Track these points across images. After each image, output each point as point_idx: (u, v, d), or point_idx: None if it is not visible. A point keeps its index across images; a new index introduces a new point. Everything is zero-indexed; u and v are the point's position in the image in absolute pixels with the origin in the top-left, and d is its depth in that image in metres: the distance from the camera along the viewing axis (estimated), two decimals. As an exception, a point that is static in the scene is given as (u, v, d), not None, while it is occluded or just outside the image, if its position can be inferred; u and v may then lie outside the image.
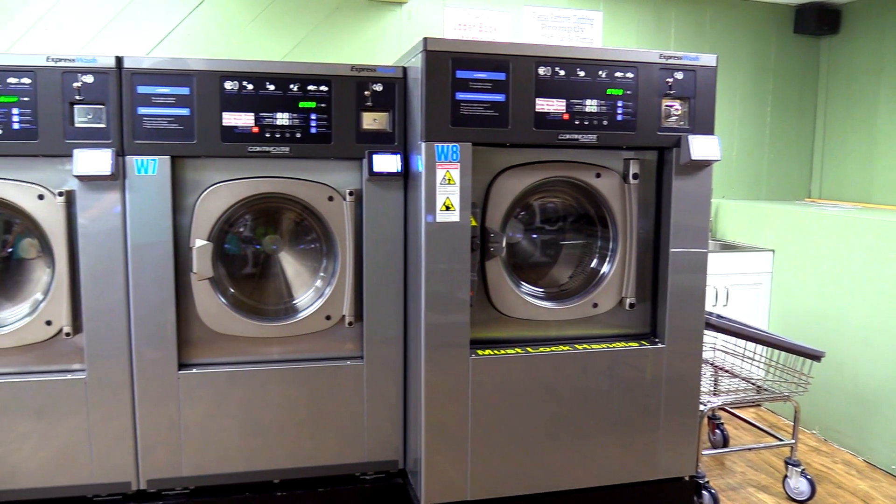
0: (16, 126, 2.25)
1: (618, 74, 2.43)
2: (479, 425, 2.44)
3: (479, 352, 2.43)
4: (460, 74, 2.31)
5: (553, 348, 2.51)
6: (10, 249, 2.45)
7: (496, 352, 2.45)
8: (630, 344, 2.58)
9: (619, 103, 2.44)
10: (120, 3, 3.13)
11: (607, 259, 2.59)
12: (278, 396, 2.48)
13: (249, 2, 3.23)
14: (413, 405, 2.50)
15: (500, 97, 2.35)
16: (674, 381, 2.58)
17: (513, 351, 2.47)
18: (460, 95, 2.31)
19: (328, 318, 2.48)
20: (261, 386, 2.47)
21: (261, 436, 2.49)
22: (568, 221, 2.69)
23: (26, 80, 2.25)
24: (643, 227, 2.58)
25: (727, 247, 3.96)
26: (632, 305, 2.57)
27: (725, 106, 4.26)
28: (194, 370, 2.43)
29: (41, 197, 2.29)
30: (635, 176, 2.51)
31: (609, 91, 2.43)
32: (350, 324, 2.49)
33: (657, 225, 2.59)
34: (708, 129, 2.51)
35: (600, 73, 2.42)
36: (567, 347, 2.53)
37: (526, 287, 2.59)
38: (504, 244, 2.46)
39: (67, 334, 2.33)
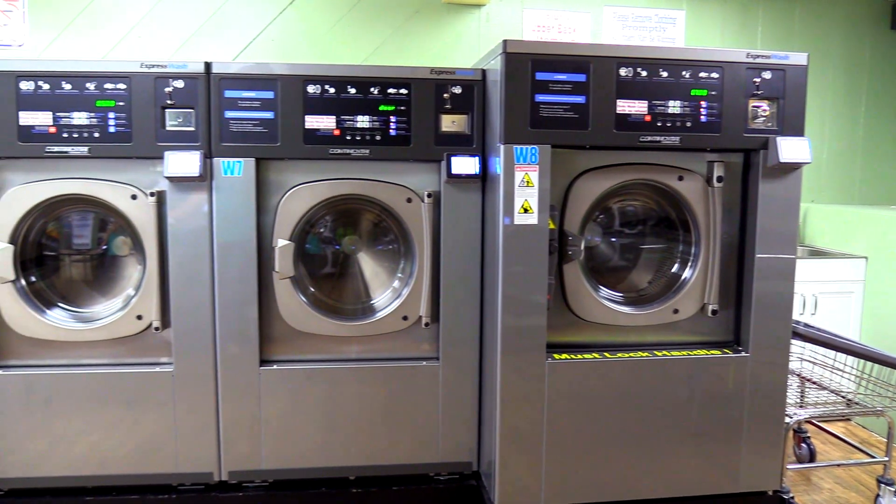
0: (112, 129, 2.40)
1: (702, 75, 2.41)
2: (554, 430, 2.45)
3: (556, 356, 2.44)
4: (540, 76, 2.33)
5: (631, 354, 2.50)
6: (104, 247, 2.61)
7: (573, 356, 2.46)
8: (712, 352, 2.54)
9: (704, 104, 2.41)
10: (208, 11, 3.29)
11: (689, 264, 2.56)
12: (355, 395, 2.56)
13: (331, 7, 3.33)
14: (488, 408, 2.54)
15: (580, 99, 2.36)
16: (758, 391, 2.53)
17: (590, 356, 2.47)
18: (540, 97, 2.33)
19: (405, 318, 2.54)
20: (338, 384, 2.55)
21: (337, 433, 2.57)
22: (648, 225, 2.67)
23: (122, 86, 2.39)
24: (727, 231, 2.54)
25: (816, 253, 3.84)
26: (714, 312, 2.53)
27: (816, 106, 4.13)
28: (275, 366, 2.52)
29: (134, 197, 2.43)
30: (720, 179, 2.47)
31: (693, 92, 2.40)
32: (427, 325, 2.54)
33: (742, 229, 2.55)
34: (797, 131, 2.45)
35: (684, 73, 2.40)
36: (646, 354, 2.51)
37: (604, 291, 2.59)
38: (582, 247, 2.46)
39: (157, 329, 2.46)
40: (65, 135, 2.39)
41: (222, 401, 2.52)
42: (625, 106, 2.38)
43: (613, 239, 2.67)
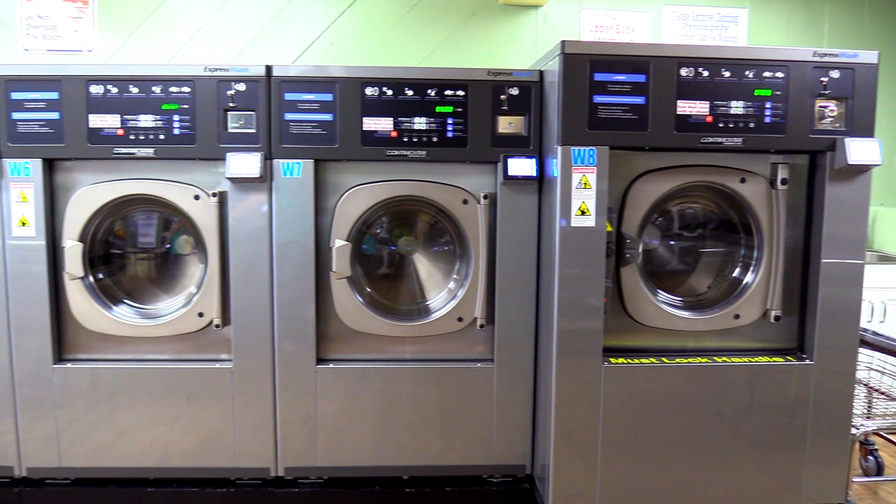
0: (176, 132, 2.48)
1: (766, 74, 2.36)
2: (609, 435, 2.43)
3: (612, 360, 2.43)
4: (598, 77, 2.32)
5: (690, 360, 2.47)
6: (168, 245, 2.70)
7: (630, 361, 2.44)
8: (774, 359, 2.49)
9: (768, 105, 2.37)
10: (268, 15, 3.37)
11: (751, 268, 2.52)
12: (409, 395, 2.59)
13: (388, 10, 3.38)
14: (542, 411, 2.54)
15: (639, 100, 2.34)
16: (822, 400, 2.47)
17: (647, 361, 2.45)
18: (598, 98, 2.32)
19: (460, 319, 2.56)
20: (392, 384, 2.58)
21: (391, 432, 2.60)
22: (708, 228, 2.63)
23: (186, 89, 2.47)
24: (791, 235, 2.49)
25: (886, 258, 3.72)
26: (777, 318, 2.48)
27: (887, 106, 3.99)
28: (331, 365, 2.57)
29: (197, 197, 2.50)
30: (784, 181, 2.42)
31: (757, 92, 2.36)
32: (482, 326, 2.55)
33: (807, 233, 2.49)
34: (867, 132, 2.39)
35: (747, 73, 2.36)
36: (705, 360, 2.47)
37: (662, 295, 2.56)
38: (640, 250, 2.44)
39: (217, 326, 2.53)
40: (132, 137, 2.48)
41: (279, 398, 2.57)
42: (685, 107, 2.35)
43: (672, 242, 2.64)
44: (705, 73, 2.35)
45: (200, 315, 2.54)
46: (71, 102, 2.47)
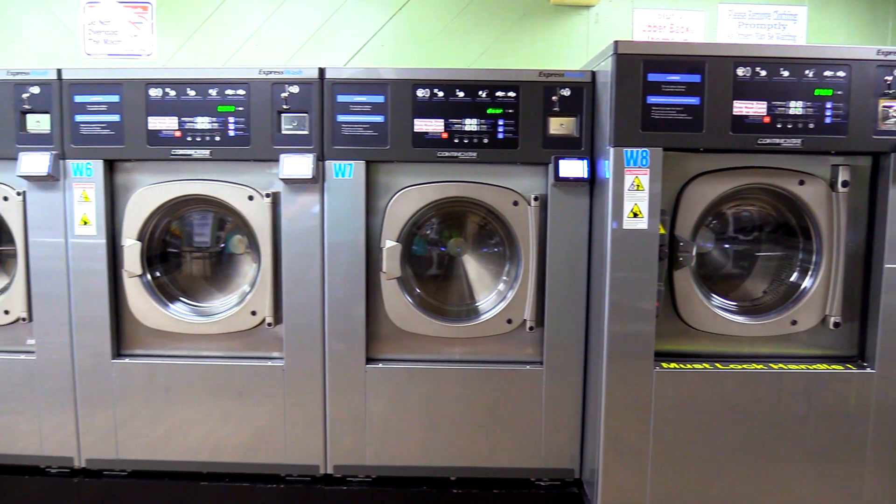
0: (231, 133, 2.53)
1: (827, 73, 2.30)
2: (660, 441, 2.40)
3: (664, 364, 2.40)
4: (652, 77, 2.30)
5: (744, 366, 2.42)
6: (222, 245, 2.76)
7: (682, 366, 2.40)
8: (833, 366, 2.43)
9: (829, 105, 2.31)
10: (321, 19, 3.41)
11: (809, 273, 2.46)
12: (457, 396, 2.59)
13: (440, 13, 3.39)
14: (592, 415, 2.51)
15: (694, 100, 2.30)
16: (885, 410, 2.39)
17: (700, 366, 2.41)
18: (652, 99, 2.30)
19: (509, 321, 2.55)
20: (441, 384, 2.59)
21: (439, 433, 2.61)
22: (765, 231, 2.58)
23: (241, 92, 2.52)
24: (852, 239, 2.42)
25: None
26: (836, 325, 2.41)
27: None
28: (380, 364, 2.59)
29: (251, 198, 2.55)
30: (845, 183, 2.35)
31: (817, 92, 2.30)
32: (531, 328, 2.54)
33: (869, 237, 2.42)
34: (935, 133, 2.30)
35: (807, 72, 2.30)
36: (760, 366, 2.42)
37: (716, 299, 2.52)
38: (694, 254, 2.41)
39: (269, 324, 2.57)
40: (188, 139, 2.54)
41: (329, 396, 2.60)
42: (742, 107, 2.30)
43: (727, 245, 2.59)
44: (763, 73, 2.30)
45: (253, 313, 2.59)
46: (131, 105, 2.54)
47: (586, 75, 2.49)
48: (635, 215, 2.30)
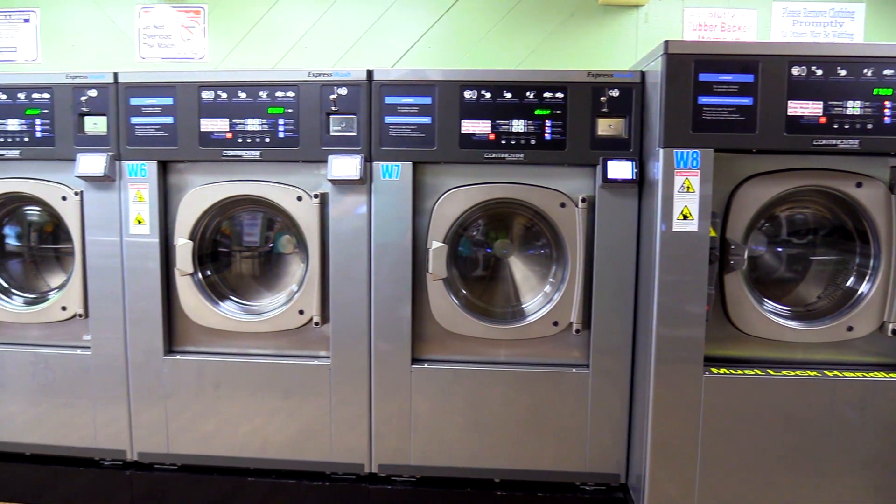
0: (281, 135, 2.57)
1: (887, 72, 2.24)
2: (709, 447, 2.36)
3: (714, 370, 2.35)
4: (703, 77, 2.26)
5: (797, 372, 2.36)
6: (271, 245, 2.80)
7: (732, 371, 2.36)
8: (890, 375, 2.35)
9: (888, 104, 2.24)
10: (368, 21, 3.44)
11: (867, 278, 2.39)
12: (501, 397, 2.58)
13: (486, 13, 3.39)
14: (638, 420, 2.48)
15: (746, 100, 2.26)
16: (946, 421, 2.31)
17: (751, 372, 2.36)
18: (703, 99, 2.26)
19: (555, 324, 2.54)
20: (486, 386, 2.58)
21: (483, 434, 2.60)
22: (819, 235, 2.51)
23: (290, 94, 2.55)
24: (913, 243, 2.34)
25: None
26: (895, 332, 2.33)
27: None
28: (426, 365, 2.60)
29: (299, 198, 2.58)
30: (905, 186, 2.28)
31: (876, 91, 2.24)
32: (577, 331, 2.52)
33: (930, 242, 2.34)
34: None
35: (865, 71, 2.23)
36: (814, 373, 2.36)
37: (768, 304, 2.46)
38: (745, 257, 2.36)
39: (317, 323, 2.60)
40: (239, 140, 2.58)
41: (375, 396, 2.62)
42: (797, 107, 2.25)
43: (780, 249, 2.53)
44: (819, 72, 2.24)
45: (301, 312, 2.62)
46: (184, 107, 2.60)
47: (635, 76, 2.46)
48: (685, 217, 2.26)
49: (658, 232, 2.28)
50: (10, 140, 2.69)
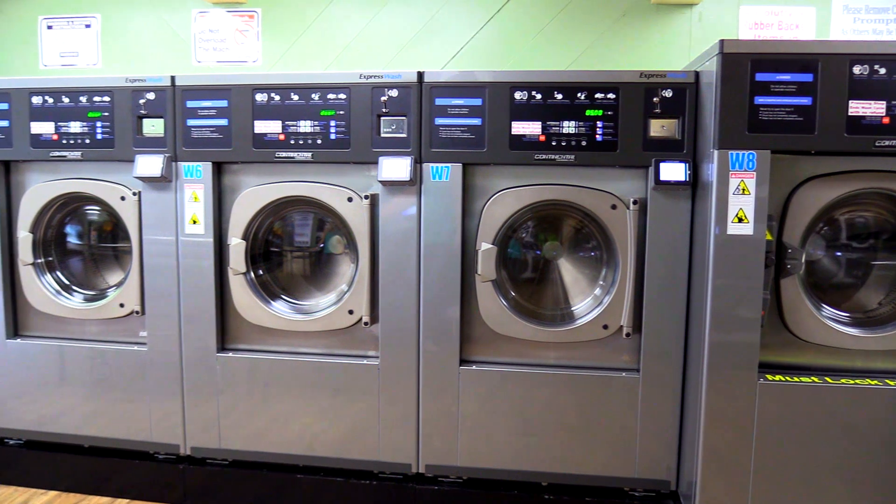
0: (333, 136, 2.60)
1: (956, 71, 2.15)
2: (763, 456, 2.31)
3: (769, 377, 2.31)
4: (760, 77, 2.21)
5: (857, 381, 2.30)
6: (321, 245, 2.84)
7: (788, 378, 2.30)
8: (957, 385, 2.27)
9: (957, 104, 2.16)
10: (419, 23, 3.47)
11: (932, 284, 2.30)
12: (549, 400, 2.57)
13: (536, 14, 3.38)
14: (690, 426, 2.44)
15: (805, 100, 2.21)
16: None
17: (808, 379, 2.30)
18: (759, 100, 2.21)
19: (605, 327, 2.51)
20: (534, 388, 2.58)
21: (531, 437, 2.60)
22: (881, 239, 2.43)
23: (342, 96, 2.59)
24: (982, 248, 2.26)
25: None
26: (962, 340, 2.25)
27: None
28: (474, 367, 2.60)
29: (350, 199, 2.61)
30: (974, 189, 2.20)
31: (943, 91, 2.16)
32: (628, 335, 2.49)
33: None
34: None
35: (933, 70, 2.16)
36: (875, 382, 2.29)
37: (827, 310, 2.40)
38: (803, 261, 2.30)
39: (366, 323, 2.63)
40: (292, 142, 2.62)
41: (423, 396, 2.63)
42: (859, 107, 2.19)
43: (838, 253, 2.46)
44: (882, 71, 2.18)
45: (350, 312, 2.65)
46: (238, 110, 2.65)
47: (689, 76, 2.42)
48: (740, 220, 2.22)
49: (712, 235, 2.24)
50: (72, 142, 2.78)
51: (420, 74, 2.55)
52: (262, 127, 2.64)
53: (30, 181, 2.89)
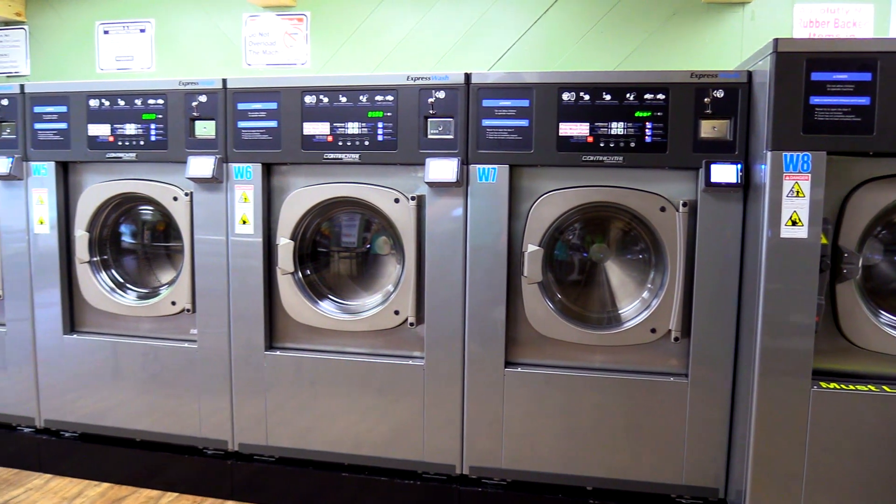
0: (380, 138, 2.63)
1: None
2: (816, 466, 2.26)
3: (823, 384, 2.25)
4: (816, 77, 2.17)
5: (917, 390, 2.23)
6: (368, 245, 2.87)
7: (844, 386, 2.25)
8: None
9: None
10: (466, 25, 3.48)
11: None
12: (596, 404, 2.55)
13: (585, 14, 3.36)
14: (739, 433, 2.40)
15: (863, 100, 2.15)
16: None
17: (864, 388, 2.25)
18: (815, 100, 2.17)
19: (653, 331, 2.49)
20: (579, 392, 2.56)
21: (576, 441, 2.58)
22: (944, 243, 2.36)
23: (389, 98, 2.61)
24: None
25: None
26: None
27: None
28: (519, 369, 2.60)
29: (397, 200, 2.63)
30: None
31: None
32: (676, 339, 2.47)
33: None
34: None
35: None
36: (936, 391, 2.22)
37: (885, 316, 2.34)
38: (860, 266, 2.24)
39: (412, 324, 2.65)
40: (340, 143, 2.66)
41: (468, 398, 2.64)
42: (921, 108, 2.12)
43: (898, 258, 2.40)
44: (946, 70, 2.11)
45: (396, 313, 2.67)
46: (287, 112, 2.70)
47: (742, 75, 2.38)
48: (794, 223, 2.18)
49: (764, 238, 2.20)
50: (127, 143, 2.86)
51: (467, 76, 2.56)
52: (310, 128, 2.68)
53: (87, 182, 2.98)
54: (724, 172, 2.36)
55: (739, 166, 2.36)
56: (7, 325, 3.12)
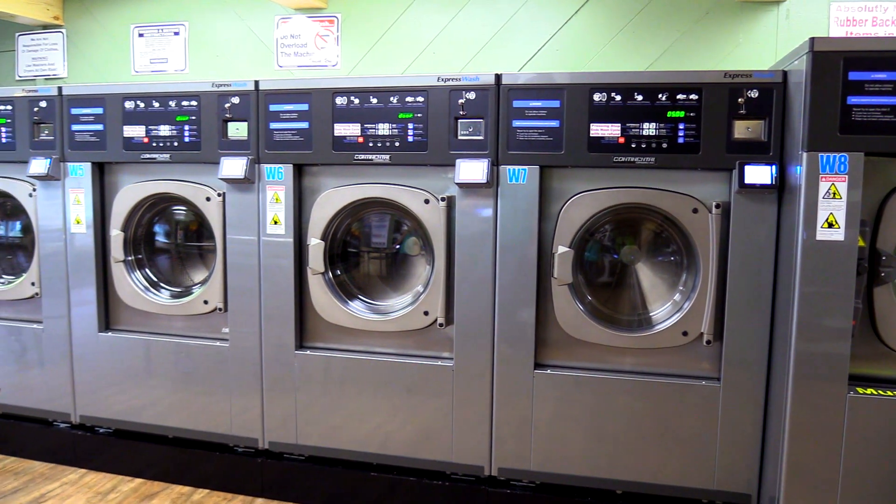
0: (410, 139, 2.64)
1: None
2: (852, 473, 2.22)
3: (860, 390, 2.22)
4: (853, 76, 2.13)
5: (957, 397, 2.18)
6: (398, 246, 2.88)
7: (882, 392, 2.21)
8: None
9: None
10: (496, 26, 3.49)
11: None
12: (626, 407, 2.54)
13: (616, 15, 3.34)
14: (773, 438, 2.37)
15: (903, 100, 2.11)
16: None
17: (903, 393, 2.20)
18: (853, 100, 2.13)
19: (685, 334, 2.47)
20: (609, 394, 2.55)
21: (605, 444, 2.57)
22: None
23: (420, 99, 2.62)
24: None
25: None
26: None
27: None
28: (548, 371, 2.60)
29: (427, 201, 2.65)
30: None
31: None
32: (708, 342, 2.44)
33: None
34: None
35: None
36: (977, 398, 2.17)
37: (924, 321, 2.28)
38: (899, 269, 2.20)
39: (441, 325, 2.66)
40: (370, 144, 2.68)
41: (496, 399, 2.64)
42: (963, 108, 2.08)
43: (939, 261, 2.34)
44: None
45: (426, 313, 2.68)
46: (319, 113, 2.72)
47: (777, 75, 2.36)
48: (830, 225, 2.15)
49: (800, 240, 2.17)
50: (161, 144, 2.91)
51: (498, 77, 2.56)
52: (341, 130, 2.71)
53: (122, 182, 3.04)
54: (759, 173, 2.33)
55: (774, 167, 2.33)
56: (44, 323, 3.19)
